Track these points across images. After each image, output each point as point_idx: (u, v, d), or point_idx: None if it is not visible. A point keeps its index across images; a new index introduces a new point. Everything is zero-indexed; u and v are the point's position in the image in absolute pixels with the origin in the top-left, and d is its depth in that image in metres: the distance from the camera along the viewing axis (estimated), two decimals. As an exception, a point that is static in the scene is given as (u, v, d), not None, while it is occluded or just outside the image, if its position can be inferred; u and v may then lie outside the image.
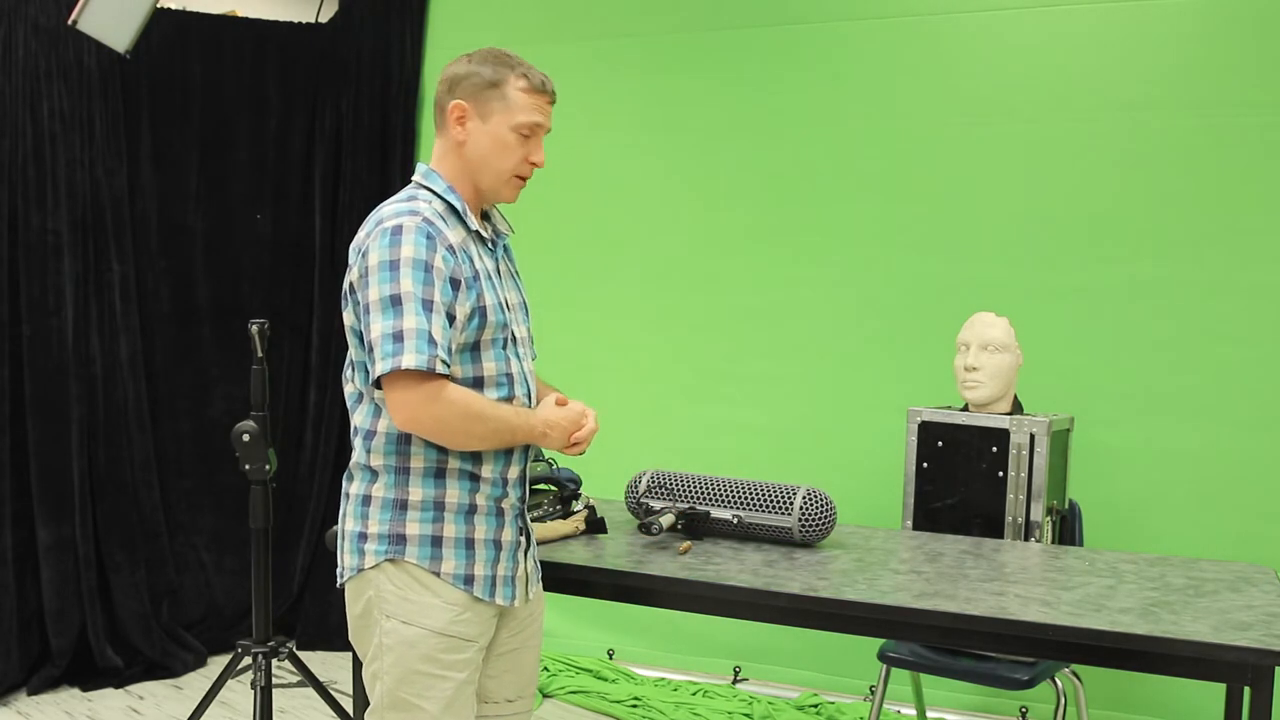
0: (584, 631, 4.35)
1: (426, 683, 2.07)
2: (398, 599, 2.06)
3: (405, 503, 2.07)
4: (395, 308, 1.95)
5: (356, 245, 2.04)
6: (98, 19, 3.68)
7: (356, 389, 2.12)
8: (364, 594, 2.09)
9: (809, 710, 3.85)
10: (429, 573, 2.06)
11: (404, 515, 2.06)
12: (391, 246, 1.97)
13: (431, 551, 2.07)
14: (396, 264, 1.96)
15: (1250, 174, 3.46)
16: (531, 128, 2.10)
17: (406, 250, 1.97)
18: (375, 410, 2.08)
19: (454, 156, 2.12)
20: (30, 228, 4.00)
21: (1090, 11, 3.63)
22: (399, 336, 1.95)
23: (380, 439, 2.08)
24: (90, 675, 4.07)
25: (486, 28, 4.46)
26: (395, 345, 1.94)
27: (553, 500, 2.72)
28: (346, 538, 2.12)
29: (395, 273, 1.96)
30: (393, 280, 1.96)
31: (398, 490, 2.07)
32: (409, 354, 1.94)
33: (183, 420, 4.45)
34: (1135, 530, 3.59)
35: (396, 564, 2.06)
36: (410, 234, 1.98)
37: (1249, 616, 2.12)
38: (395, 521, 2.06)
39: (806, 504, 2.59)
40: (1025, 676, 2.88)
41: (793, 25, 4.01)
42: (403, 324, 1.95)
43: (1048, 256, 3.69)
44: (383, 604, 2.07)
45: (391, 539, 2.06)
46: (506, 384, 2.12)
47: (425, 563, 2.06)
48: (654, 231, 4.23)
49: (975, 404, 3.18)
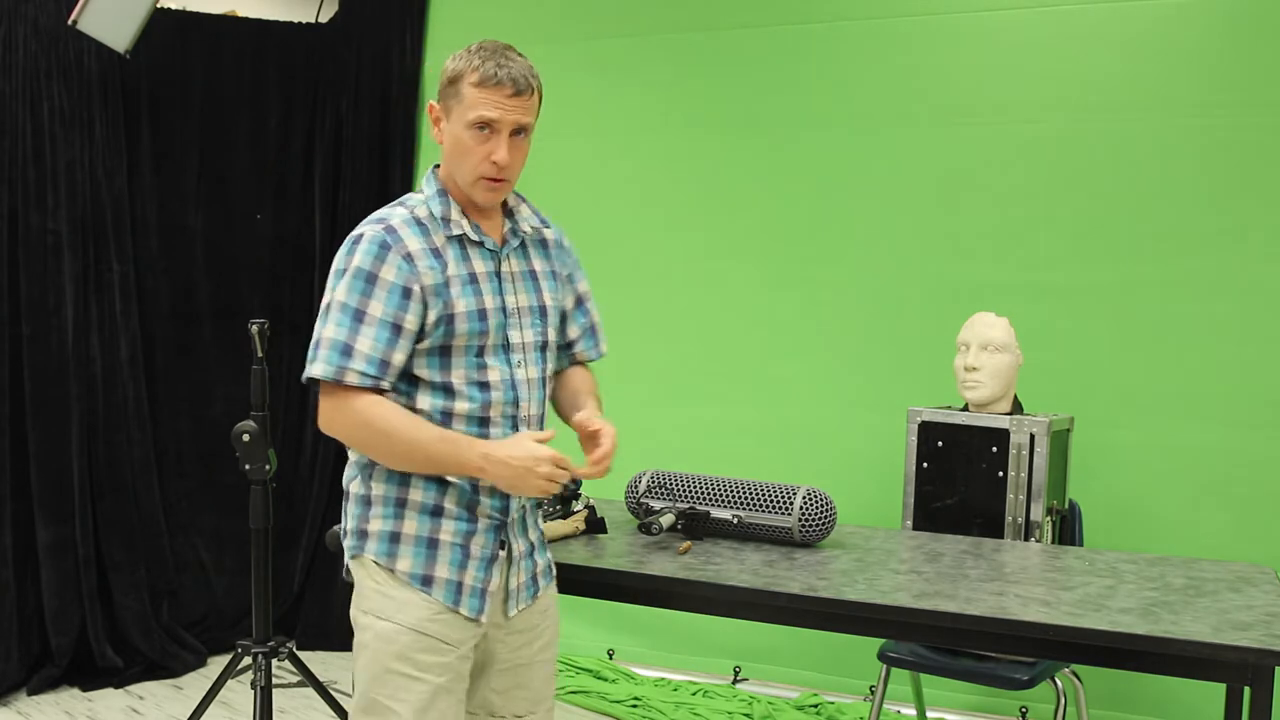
0: (584, 631, 4.35)
1: (400, 683, 1.99)
2: (375, 594, 2.03)
3: (369, 498, 2.06)
4: (325, 315, 1.99)
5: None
6: (98, 19, 3.68)
7: None
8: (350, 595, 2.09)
9: (809, 710, 3.85)
10: (384, 569, 2.03)
11: (369, 511, 2.05)
12: (347, 255, 1.99)
13: (389, 548, 2.03)
14: (343, 272, 1.98)
15: (1250, 174, 3.46)
16: (486, 123, 1.97)
17: (355, 259, 1.98)
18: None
19: (443, 158, 2.08)
20: (30, 228, 4.00)
21: (1090, 11, 3.63)
22: (319, 344, 1.98)
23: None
24: (90, 675, 4.07)
25: (486, 28, 4.43)
26: (313, 352, 1.99)
27: (553, 500, 2.72)
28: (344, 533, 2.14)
29: (338, 280, 1.99)
30: (334, 288, 1.99)
31: (364, 486, 2.07)
32: (317, 363, 1.99)
33: (183, 420, 4.45)
34: (1135, 530, 3.59)
35: (359, 560, 2.06)
36: (364, 243, 1.98)
37: (1249, 616, 2.12)
38: (361, 517, 2.06)
39: (806, 504, 2.59)
40: (1025, 676, 2.88)
41: (792, 25, 4.01)
42: (324, 332, 1.98)
43: (1048, 256, 3.69)
44: (360, 599, 2.05)
45: (358, 534, 2.06)
46: (480, 392, 2.03)
47: (383, 559, 2.03)
48: (654, 231, 4.23)
49: (975, 404, 3.18)
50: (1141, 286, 3.59)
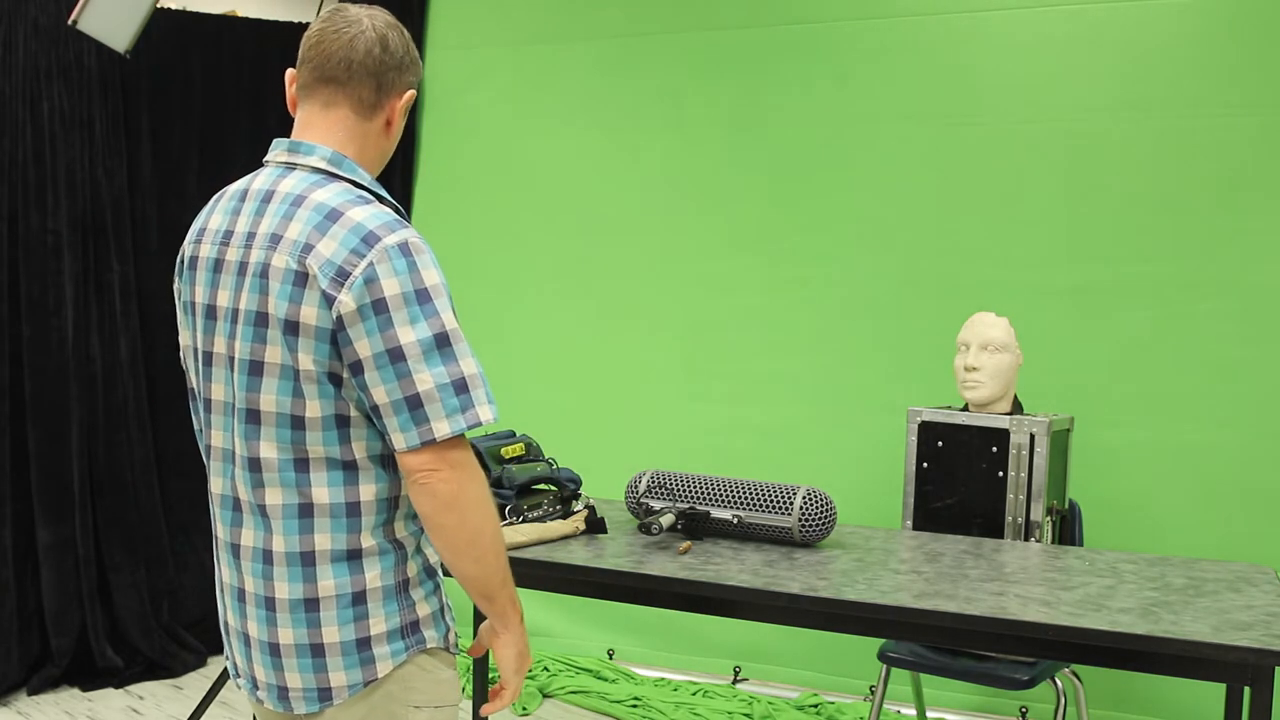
0: (584, 631, 4.35)
1: None
2: (430, 682, 1.69)
3: (407, 583, 1.67)
4: (444, 349, 1.55)
5: (329, 263, 1.54)
6: (98, 19, 3.68)
7: (305, 452, 1.60)
8: (369, 697, 1.65)
9: (809, 710, 3.85)
10: (442, 652, 1.72)
11: (410, 597, 1.67)
12: (412, 271, 1.55)
13: (445, 626, 1.73)
14: (426, 293, 1.55)
15: (1250, 174, 3.46)
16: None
17: (431, 275, 1.57)
18: (351, 477, 1.61)
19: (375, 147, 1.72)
20: (30, 228, 4.00)
21: (1090, 12, 3.63)
22: (461, 386, 1.55)
23: (370, 511, 1.63)
24: (90, 675, 4.07)
25: (486, 28, 4.46)
26: (461, 398, 1.55)
27: (553, 500, 2.73)
28: (331, 651, 1.63)
29: (429, 305, 1.55)
30: (427, 317, 1.55)
31: (397, 571, 1.66)
32: (483, 405, 1.57)
33: (183, 420, 4.45)
34: (1135, 530, 3.59)
35: (410, 660, 1.67)
36: (425, 253, 1.58)
37: (1249, 616, 2.12)
38: (405, 610, 1.66)
39: (806, 504, 2.59)
40: (1025, 676, 2.88)
41: (792, 25, 4.01)
42: (462, 369, 1.56)
43: (1048, 256, 3.69)
44: (409, 694, 1.66)
45: (405, 631, 1.66)
46: None
47: (440, 643, 1.71)
48: (654, 231, 4.23)
49: (975, 404, 3.18)
50: (1142, 286, 3.59)
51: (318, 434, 1.59)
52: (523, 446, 2.74)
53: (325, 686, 1.64)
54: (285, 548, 1.62)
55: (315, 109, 1.67)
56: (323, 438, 1.59)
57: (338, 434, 1.59)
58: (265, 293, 1.57)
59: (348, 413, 1.59)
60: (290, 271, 1.55)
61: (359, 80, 1.64)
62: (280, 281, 1.56)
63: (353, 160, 1.66)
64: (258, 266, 1.59)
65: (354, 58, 1.63)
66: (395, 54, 1.66)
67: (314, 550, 1.61)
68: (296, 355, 1.56)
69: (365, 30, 1.64)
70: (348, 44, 1.63)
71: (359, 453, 1.61)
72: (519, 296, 4.41)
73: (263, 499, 1.62)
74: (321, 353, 1.56)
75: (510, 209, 4.40)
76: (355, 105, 1.66)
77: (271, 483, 1.61)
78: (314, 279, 1.54)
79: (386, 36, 1.66)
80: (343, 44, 1.63)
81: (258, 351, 1.59)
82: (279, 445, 1.60)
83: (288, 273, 1.56)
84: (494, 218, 4.36)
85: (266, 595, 1.64)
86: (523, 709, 3.92)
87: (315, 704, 1.64)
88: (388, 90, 1.67)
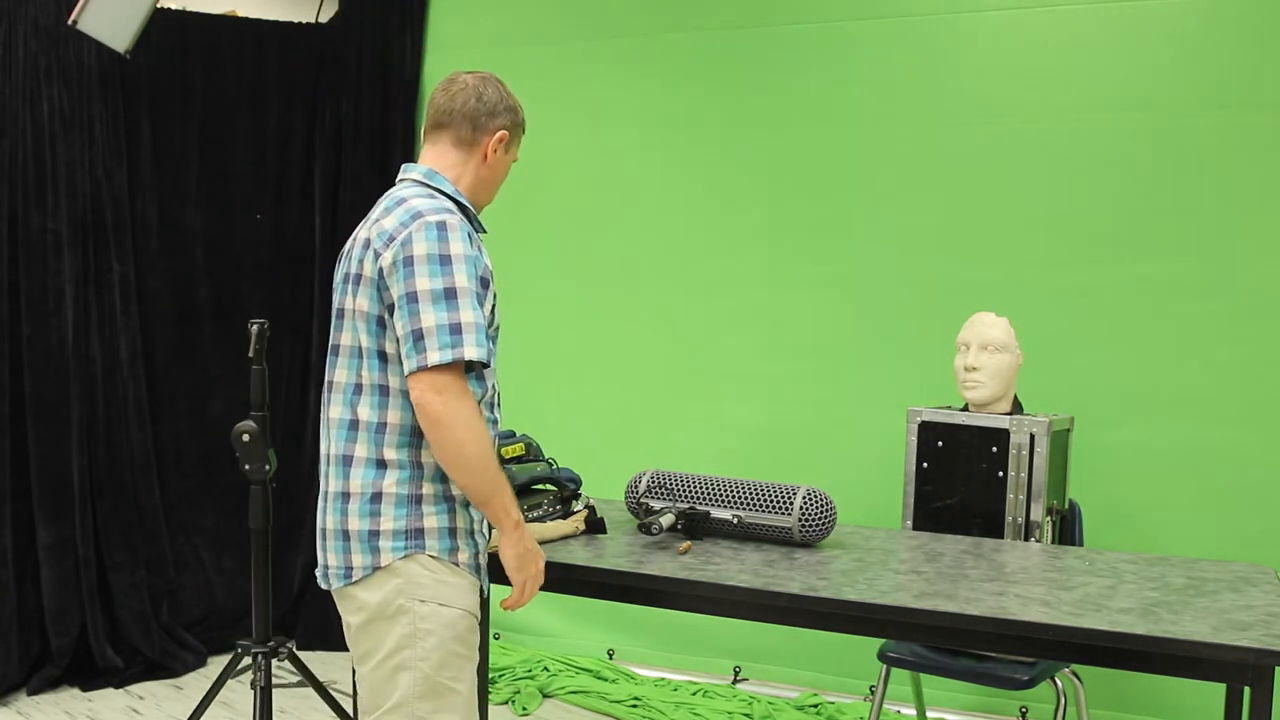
0: (584, 631, 4.35)
1: (460, 664, 2.12)
2: (434, 582, 2.10)
3: (420, 497, 2.11)
4: (450, 300, 2.02)
5: (385, 232, 2.08)
6: (98, 19, 3.68)
7: (360, 379, 2.12)
8: (385, 585, 2.09)
9: (809, 710, 3.85)
10: (449, 564, 2.12)
11: (420, 509, 2.10)
12: (440, 241, 2.04)
13: (450, 544, 2.13)
14: (448, 258, 2.03)
15: (1250, 174, 3.46)
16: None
17: (456, 247, 2.05)
18: (384, 402, 2.10)
19: (474, 171, 2.23)
20: (30, 227, 4.00)
21: (1090, 11, 3.63)
22: (456, 329, 2.01)
23: (394, 432, 2.10)
24: (90, 675, 4.07)
25: (486, 28, 4.46)
26: (454, 337, 2.00)
27: (553, 500, 2.73)
28: (353, 537, 2.11)
29: (448, 267, 2.03)
30: (444, 274, 2.03)
31: (412, 485, 2.10)
32: (470, 346, 2.02)
33: (183, 420, 4.45)
34: (1135, 530, 3.59)
35: (414, 558, 2.10)
36: (456, 231, 2.06)
37: (1249, 616, 2.12)
38: (413, 516, 2.10)
39: (806, 504, 2.59)
40: (1025, 676, 2.88)
41: (793, 25, 4.01)
42: (460, 317, 2.01)
43: (1048, 256, 3.69)
44: (417, 589, 2.09)
45: (410, 534, 2.10)
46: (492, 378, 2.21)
47: (445, 555, 2.12)
48: (654, 231, 4.24)
49: (975, 404, 3.18)
50: (1142, 287, 3.59)
51: (369, 363, 2.10)
52: (523, 447, 2.75)
53: (349, 565, 2.12)
54: (338, 451, 2.14)
55: (429, 144, 2.26)
56: (370, 365, 2.10)
57: (382, 366, 2.09)
58: (363, 260, 2.11)
59: (389, 350, 2.09)
60: (369, 241, 2.11)
61: (458, 123, 2.22)
62: (363, 249, 2.11)
63: (444, 176, 2.20)
64: (365, 241, 2.13)
65: (454, 107, 2.22)
66: (487, 104, 2.21)
67: (353, 455, 2.12)
68: (357, 300, 2.11)
69: (464, 87, 2.22)
70: (450, 97, 2.23)
71: (394, 383, 2.09)
72: (519, 296, 4.41)
73: (330, 414, 2.18)
74: (373, 299, 2.08)
75: (510, 208, 4.40)
76: (455, 140, 2.22)
77: (336, 402, 2.16)
78: (373, 242, 2.09)
79: (482, 91, 2.22)
80: (447, 98, 2.23)
81: (347, 302, 2.14)
82: (347, 372, 2.14)
83: (368, 243, 2.11)
84: (493, 217, 4.35)
85: (325, 490, 2.17)
86: (523, 709, 3.92)
87: (341, 580, 2.13)
88: (482, 130, 2.22)
